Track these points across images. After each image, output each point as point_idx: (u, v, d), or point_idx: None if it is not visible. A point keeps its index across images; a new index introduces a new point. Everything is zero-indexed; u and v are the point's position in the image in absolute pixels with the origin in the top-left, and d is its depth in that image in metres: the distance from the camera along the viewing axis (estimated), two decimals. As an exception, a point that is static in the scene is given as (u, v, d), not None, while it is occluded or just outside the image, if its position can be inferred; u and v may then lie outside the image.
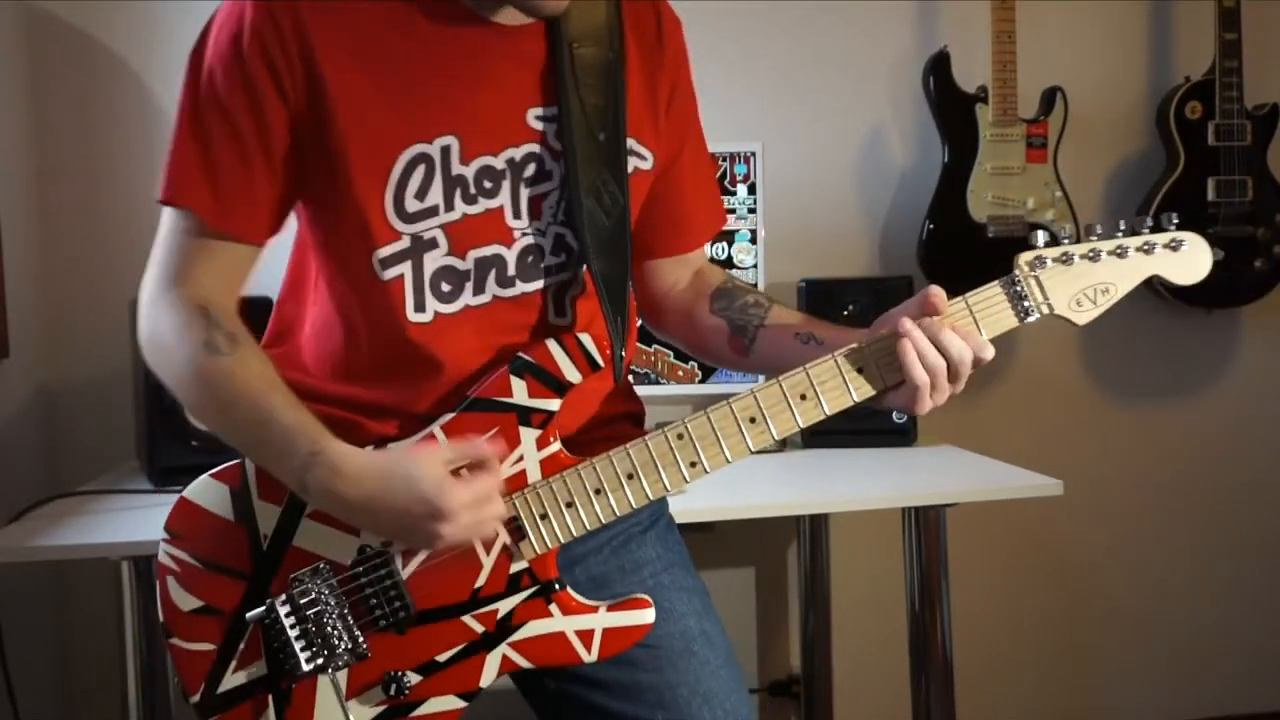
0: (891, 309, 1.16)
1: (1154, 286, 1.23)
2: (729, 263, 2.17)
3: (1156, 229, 1.17)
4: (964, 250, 2.42)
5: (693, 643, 1.24)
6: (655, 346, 2.14)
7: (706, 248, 1.41)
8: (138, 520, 1.66)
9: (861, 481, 1.90)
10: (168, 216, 1.16)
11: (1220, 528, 2.75)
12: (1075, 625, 2.72)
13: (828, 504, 1.91)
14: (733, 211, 2.17)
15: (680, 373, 2.16)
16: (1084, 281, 1.15)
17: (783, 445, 2.12)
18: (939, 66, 2.43)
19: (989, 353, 1.13)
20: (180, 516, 1.19)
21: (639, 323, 1.41)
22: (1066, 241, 1.16)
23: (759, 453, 2.02)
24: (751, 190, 2.18)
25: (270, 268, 1.30)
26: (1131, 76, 2.65)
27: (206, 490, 1.19)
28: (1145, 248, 1.16)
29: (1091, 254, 1.15)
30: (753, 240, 2.18)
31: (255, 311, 1.22)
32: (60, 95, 2.25)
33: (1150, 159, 2.60)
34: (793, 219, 2.44)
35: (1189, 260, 1.17)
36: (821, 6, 2.51)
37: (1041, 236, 1.16)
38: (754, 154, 2.18)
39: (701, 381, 2.16)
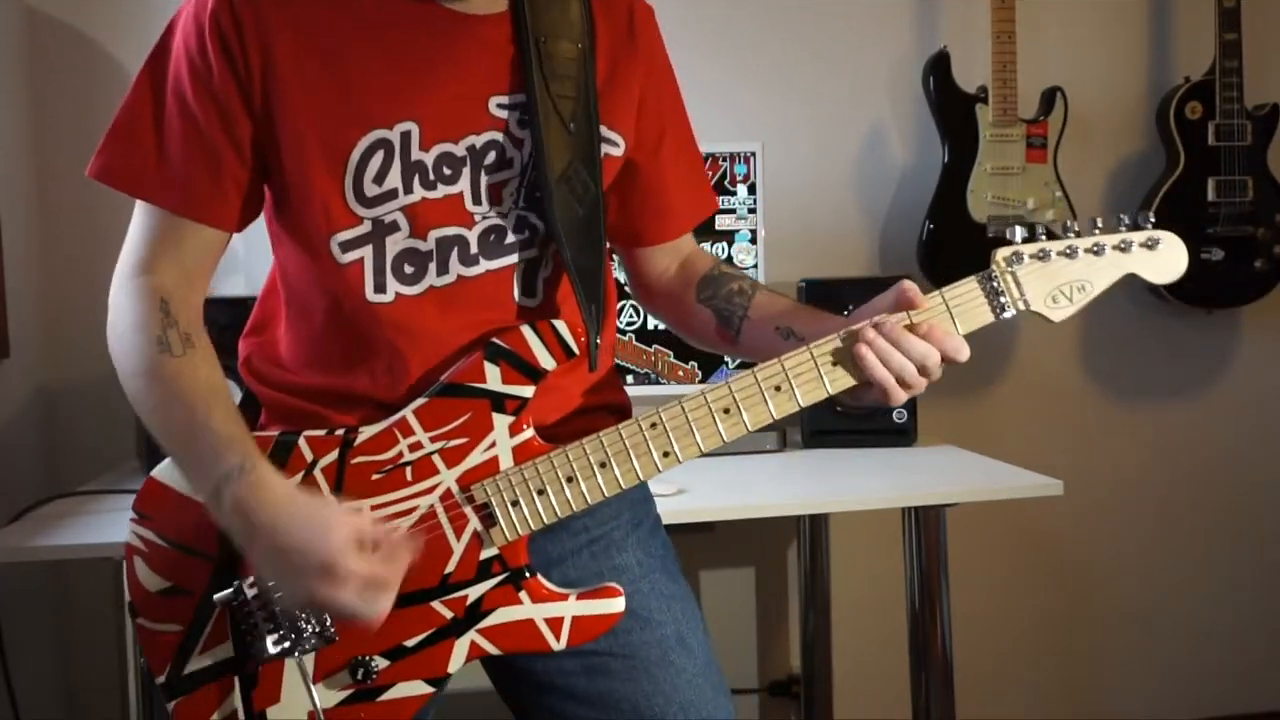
0: (871, 300, 1.17)
1: (1154, 286, 1.22)
2: (729, 264, 2.17)
3: (1134, 227, 1.16)
4: (964, 250, 2.42)
5: (670, 652, 1.23)
6: (655, 346, 2.14)
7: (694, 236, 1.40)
8: (138, 520, 1.66)
9: (861, 481, 1.90)
10: (139, 205, 1.17)
11: (1220, 527, 2.75)
12: (1075, 625, 2.73)
13: (828, 504, 1.91)
14: (732, 211, 2.17)
15: (680, 373, 2.15)
16: (1060, 278, 1.14)
17: (783, 445, 2.12)
18: (939, 66, 2.43)
19: (964, 354, 1.12)
20: (149, 496, 1.18)
21: (639, 322, 1.42)
22: (1044, 237, 1.15)
23: (759, 453, 2.06)
24: (751, 190, 2.18)
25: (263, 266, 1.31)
26: (1131, 76, 2.65)
27: (176, 470, 1.18)
28: (1122, 246, 1.15)
29: (1068, 251, 1.14)
30: (753, 240, 2.18)
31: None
32: (60, 95, 2.25)
33: (1150, 159, 2.60)
34: (793, 219, 2.44)
35: (1165, 259, 1.16)
36: (821, 6, 2.51)
37: (1019, 232, 1.15)
38: (754, 154, 2.18)
39: (702, 381, 2.16)
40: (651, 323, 2.12)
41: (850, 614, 2.50)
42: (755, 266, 2.18)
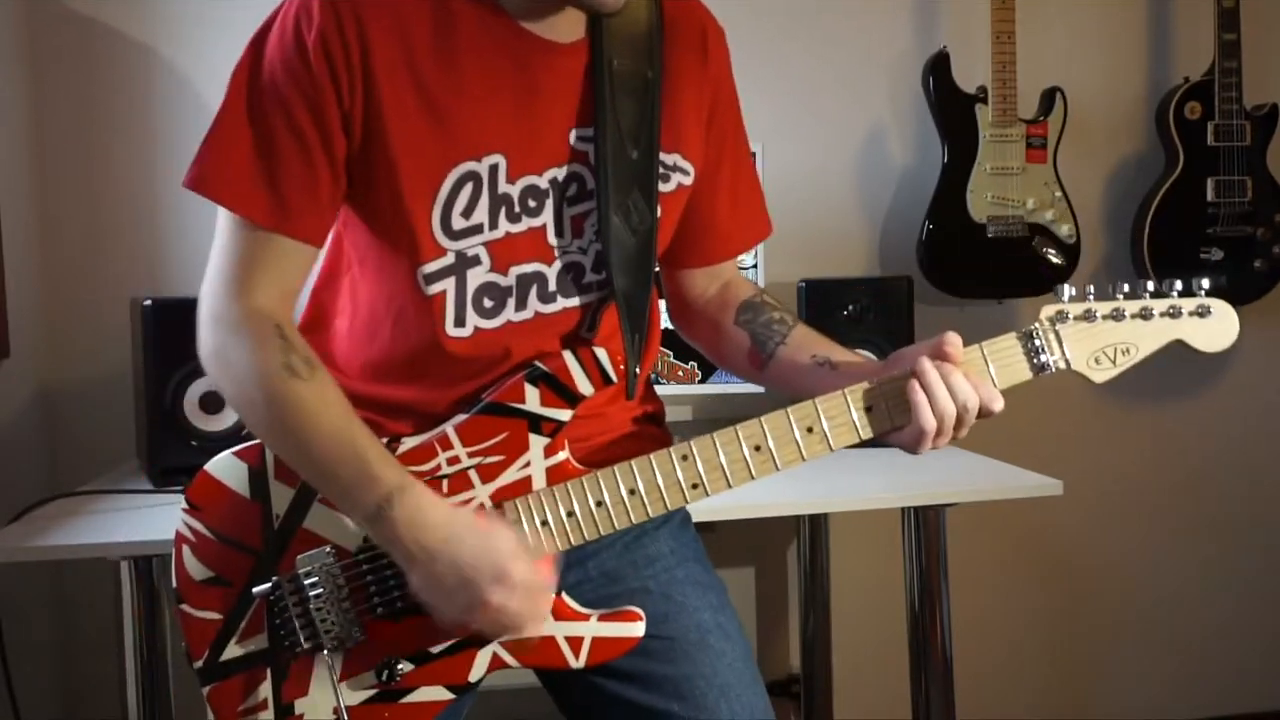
0: (905, 348, 1.17)
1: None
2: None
3: (1186, 293, 1.14)
4: (964, 250, 2.42)
5: (708, 635, 1.25)
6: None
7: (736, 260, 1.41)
8: (138, 520, 1.66)
9: (861, 481, 1.89)
10: (225, 219, 1.14)
11: (1220, 527, 2.76)
12: (1075, 625, 2.73)
13: (828, 504, 1.91)
14: (733, 211, 2.17)
15: (680, 373, 2.16)
16: (1105, 340, 1.14)
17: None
18: (939, 66, 2.44)
19: (998, 405, 1.13)
20: (200, 489, 1.21)
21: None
22: (1091, 296, 1.14)
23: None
24: (751, 190, 2.17)
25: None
26: (1131, 76, 2.65)
27: (227, 466, 1.21)
28: (1171, 312, 1.14)
29: (1115, 314, 1.14)
30: (753, 240, 2.18)
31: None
32: (61, 94, 2.25)
33: (1150, 159, 2.61)
34: (793, 219, 2.44)
35: (1216, 328, 1.16)
36: (821, 6, 2.51)
37: (1067, 290, 1.14)
38: (754, 154, 2.17)
39: (701, 382, 2.16)
40: (651, 323, 2.13)
41: (850, 614, 2.50)
42: (755, 266, 2.18)
